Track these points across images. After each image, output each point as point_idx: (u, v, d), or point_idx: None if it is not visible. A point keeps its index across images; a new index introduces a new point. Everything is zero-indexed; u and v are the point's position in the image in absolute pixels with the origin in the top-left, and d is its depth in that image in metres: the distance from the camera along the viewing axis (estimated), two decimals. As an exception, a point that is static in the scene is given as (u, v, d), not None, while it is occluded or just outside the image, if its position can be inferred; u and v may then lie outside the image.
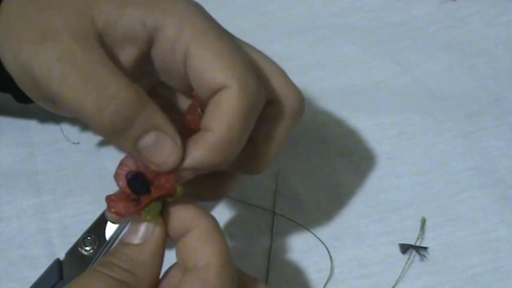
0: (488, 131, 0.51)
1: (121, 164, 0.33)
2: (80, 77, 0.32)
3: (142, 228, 0.33)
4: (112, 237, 0.45)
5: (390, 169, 0.50)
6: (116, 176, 0.33)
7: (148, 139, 0.32)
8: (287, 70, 0.57)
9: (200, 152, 0.33)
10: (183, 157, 0.33)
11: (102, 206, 0.46)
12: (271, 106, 0.37)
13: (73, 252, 0.44)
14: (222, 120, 0.33)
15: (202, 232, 0.32)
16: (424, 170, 0.50)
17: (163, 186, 0.32)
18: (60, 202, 0.47)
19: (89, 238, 0.45)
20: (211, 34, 0.34)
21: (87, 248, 0.44)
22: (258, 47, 0.58)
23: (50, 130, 0.50)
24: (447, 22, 0.59)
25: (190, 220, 0.33)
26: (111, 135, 0.32)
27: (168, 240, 0.33)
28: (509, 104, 0.53)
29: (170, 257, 0.34)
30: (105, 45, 0.34)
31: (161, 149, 0.33)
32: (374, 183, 0.49)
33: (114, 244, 0.46)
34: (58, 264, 0.43)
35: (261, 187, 0.48)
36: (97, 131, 0.33)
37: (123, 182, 0.33)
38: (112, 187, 0.47)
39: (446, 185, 0.49)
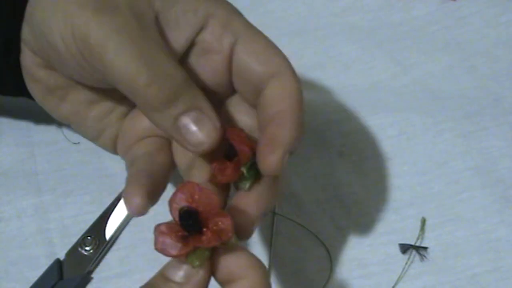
0: (488, 131, 0.51)
1: (176, 193, 0.31)
2: (136, 50, 0.33)
3: (187, 267, 0.31)
4: (112, 237, 0.45)
5: (390, 169, 0.50)
6: (170, 204, 0.31)
7: (189, 118, 0.33)
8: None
9: (289, 131, 0.34)
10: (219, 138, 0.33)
11: (102, 206, 0.46)
12: None
13: (73, 252, 0.44)
14: (292, 99, 0.35)
15: (252, 284, 0.31)
16: (424, 170, 0.50)
17: (220, 232, 0.30)
18: (60, 202, 0.47)
19: (89, 238, 0.45)
20: (255, 27, 0.37)
21: (87, 248, 0.44)
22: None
23: (50, 130, 0.50)
24: (447, 22, 0.59)
25: (240, 269, 0.31)
26: (155, 109, 0.33)
27: None
28: (509, 104, 0.53)
29: None
30: (158, 25, 0.35)
31: (200, 129, 0.33)
32: (374, 183, 0.49)
33: (114, 244, 0.46)
34: (58, 264, 0.43)
35: (261, 187, 0.48)
36: (141, 104, 0.34)
37: (176, 215, 0.30)
38: (112, 187, 0.47)
39: (446, 185, 0.49)
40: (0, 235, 0.45)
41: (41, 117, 0.51)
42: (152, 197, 0.34)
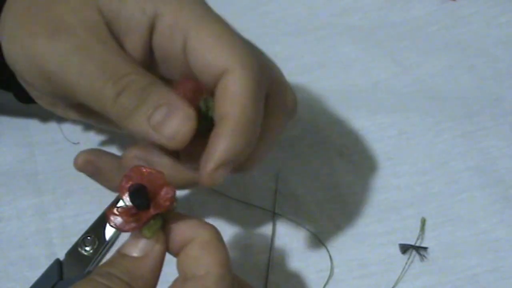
0: (488, 131, 0.51)
1: (125, 176, 0.33)
2: (98, 66, 0.33)
3: (143, 242, 0.32)
4: (112, 237, 0.45)
5: (390, 169, 0.50)
6: (120, 189, 0.33)
7: (160, 114, 0.32)
8: (287, 70, 0.57)
9: (225, 141, 0.32)
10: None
11: (102, 206, 0.46)
12: (267, 99, 0.36)
13: (73, 252, 0.44)
14: (235, 103, 0.33)
15: (203, 242, 0.32)
16: (424, 170, 0.50)
17: (161, 204, 0.32)
18: (60, 202, 0.47)
19: (89, 238, 0.45)
20: (209, 18, 0.34)
21: (87, 248, 0.44)
22: (258, 47, 0.58)
23: (50, 130, 0.50)
24: (447, 22, 0.59)
25: (191, 232, 0.32)
26: (127, 117, 0.33)
27: None
28: (509, 104, 0.53)
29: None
30: (112, 34, 0.34)
31: (173, 119, 0.32)
32: (374, 183, 0.49)
33: (114, 245, 0.46)
34: (58, 264, 0.43)
35: (261, 187, 0.48)
36: (113, 116, 0.34)
37: (125, 195, 0.32)
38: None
39: (446, 185, 0.49)
40: (0, 235, 0.45)
41: (41, 117, 0.51)
42: None
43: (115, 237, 0.45)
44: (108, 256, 0.45)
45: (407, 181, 0.49)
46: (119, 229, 0.32)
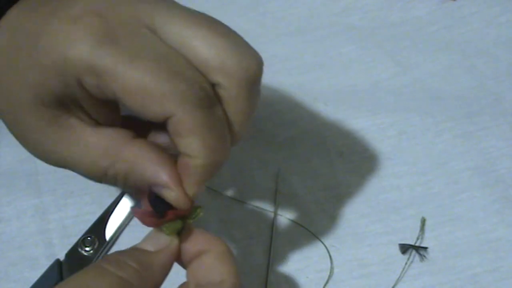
0: (488, 131, 0.51)
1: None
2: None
3: (158, 238, 0.33)
4: (112, 237, 0.45)
5: (390, 169, 0.50)
6: (140, 196, 0.34)
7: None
8: (287, 70, 0.57)
9: (194, 176, 0.33)
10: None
11: (102, 207, 0.46)
12: (215, 88, 0.34)
13: (73, 252, 0.44)
14: (196, 143, 0.32)
15: (218, 253, 0.33)
16: (424, 170, 0.50)
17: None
18: (60, 202, 0.47)
19: (89, 238, 0.45)
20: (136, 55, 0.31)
21: (87, 249, 0.44)
22: (258, 47, 0.58)
23: (50, 131, 0.50)
24: (447, 22, 0.59)
25: (206, 244, 0.33)
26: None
27: None
28: (509, 104, 0.53)
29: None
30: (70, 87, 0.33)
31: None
32: (374, 183, 0.49)
33: (114, 245, 0.46)
34: (58, 265, 0.43)
35: (261, 187, 0.48)
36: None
37: (146, 203, 0.33)
38: (112, 188, 0.47)
39: (446, 185, 0.49)
40: (0, 235, 0.45)
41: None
42: None
43: (115, 237, 0.45)
44: (108, 256, 0.45)
45: (407, 181, 0.49)
46: (142, 222, 0.33)
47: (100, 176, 0.34)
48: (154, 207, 0.33)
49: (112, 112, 0.35)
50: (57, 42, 0.31)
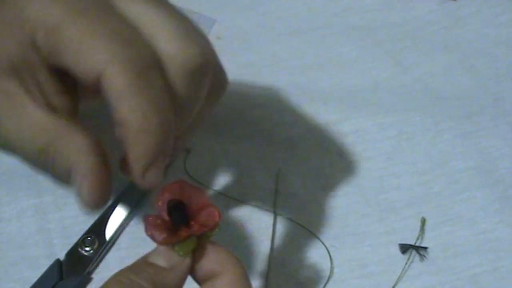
0: (488, 131, 0.51)
1: (165, 189, 0.32)
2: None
3: (173, 255, 0.32)
4: (112, 237, 0.45)
5: (390, 169, 0.50)
6: (157, 201, 0.32)
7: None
8: (287, 70, 0.57)
9: (134, 152, 0.31)
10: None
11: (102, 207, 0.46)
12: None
13: (73, 252, 0.44)
14: (123, 108, 0.30)
15: (231, 281, 0.31)
16: (424, 170, 0.50)
17: (206, 224, 0.32)
18: (60, 202, 0.47)
19: (89, 238, 0.45)
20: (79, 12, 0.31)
21: (87, 249, 0.44)
22: (258, 47, 0.58)
23: (50, 130, 0.50)
24: (447, 22, 0.59)
25: (220, 265, 0.32)
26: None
27: None
28: (509, 104, 0.53)
29: None
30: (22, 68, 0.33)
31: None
32: (374, 183, 0.49)
33: (114, 245, 0.46)
34: (58, 265, 0.43)
35: (261, 187, 0.48)
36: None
37: (164, 209, 0.32)
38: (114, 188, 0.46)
39: (446, 185, 0.49)
40: (0, 235, 0.45)
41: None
42: None
43: (115, 238, 0.45)
44: (108, 256, 0.45)
45: (407, 181, 0.49)
46: (153, 240, 0.31)
47: (35, 154, 0.32)
48: (172, 216, 0.31)
49: (69, 102, 0.34)
50: (16, 4, 0.32)
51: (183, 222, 0.31)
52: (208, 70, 0.34)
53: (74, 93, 0.35)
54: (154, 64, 0.31)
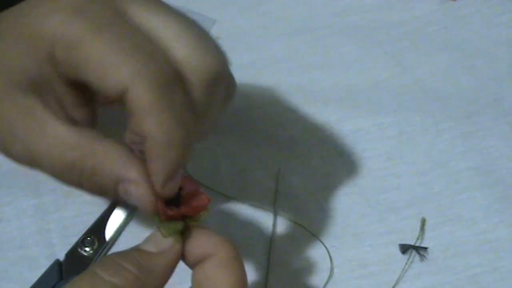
0: (488, 131, 0.51)
1: None
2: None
3: (160, 238, 0.32)
4: (112, 237, 0.45)
5: (390, 169, 0.50)
6: None
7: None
8: (287, 70, 0.57)
9: (157, 166, 0.31)
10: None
11: (102, 207, 0.46)
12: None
13: (73, 252, 0.44)
14: (149, 123, 0.30)
15: (220, 261, 0.32)
16: (424, 170, 0.50)
17: (194, 206, 0.32)
18: (60, 202, 0.47)
19: (89, 238, 0.45)
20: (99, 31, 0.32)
21: (87, 249, 0.44)
22: (258, 47, 0.58)
23: (50, 131, 0.50)
24: (447, 22, 0.59)
25: (210, 247, 0.32)
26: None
27: None
28: (509, 104, 0.53)
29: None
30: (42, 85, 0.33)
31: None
32: (374, 183, 0.49)
33: (114, 245, 0.46)
34: (58, 265, 0.43)
35: (261, 187, 0.48)
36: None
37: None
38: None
39: (446, 185, 0.49)
40: (0, 235, 0.45)
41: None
42: None
43: (115, 238, 0.45)
44: (108, 256, 0.45)
45: (407, 181, 0.49)
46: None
47: (66, 170, 0.32)
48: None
49: (88, 113, 0.35)
50: (30, 19, 0.32)
51: (174, 203, 0.32)
52: (223, 78, 0.35)
53: (91, 104, 0.35)
54: (176, 78, 0.32)
